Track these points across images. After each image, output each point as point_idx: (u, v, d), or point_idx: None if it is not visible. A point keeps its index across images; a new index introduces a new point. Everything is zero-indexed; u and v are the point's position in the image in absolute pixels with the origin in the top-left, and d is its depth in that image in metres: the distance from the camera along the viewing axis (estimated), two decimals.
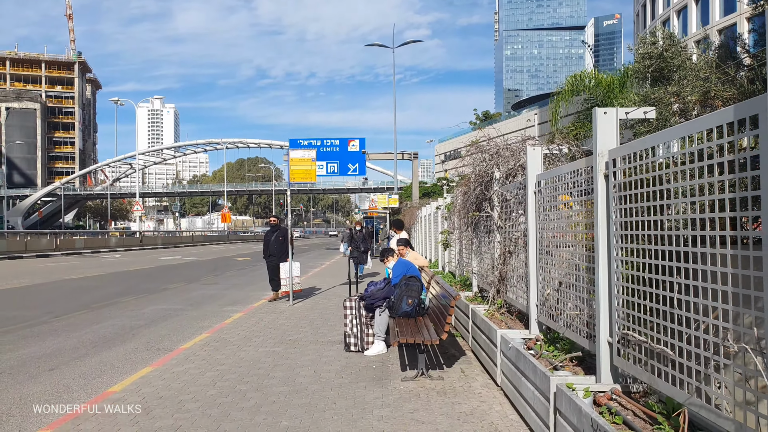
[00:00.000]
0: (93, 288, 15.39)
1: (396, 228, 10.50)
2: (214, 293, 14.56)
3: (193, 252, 38.47)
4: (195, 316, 10.84)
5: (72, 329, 9.31)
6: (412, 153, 37.83)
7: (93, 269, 21.73)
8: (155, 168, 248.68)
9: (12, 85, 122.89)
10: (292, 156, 11.47)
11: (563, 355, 4.21)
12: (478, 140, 7.55)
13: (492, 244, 6.75)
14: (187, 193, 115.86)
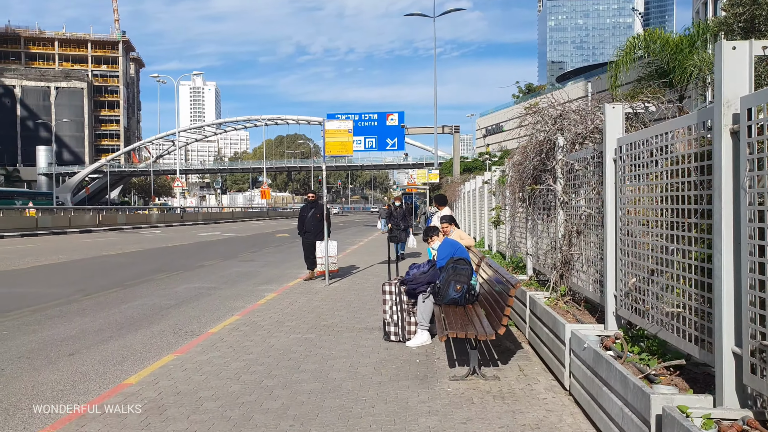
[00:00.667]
0: (128, 264, 15.15)
1: (439, 204, 9.67)
2: (249, 270, 14.11)
3: (232, 228, 38.53)
4: (228, 295, 10.35)
5: (100, 309, 8.92)
6: (453, 126, 36.70)
7: (131, 245, 21.69)
8: (197, 145, 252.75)
9: (60, 65, 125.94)
10: (327, 128, 10.74)
11: (656, 362, 3.38)
12: (536, 102, 6.63)
13: (553, 221, 5.89)
14: (228, 169, 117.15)
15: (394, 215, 14.46)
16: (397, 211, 14.70)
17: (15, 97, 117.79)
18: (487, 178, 11.20)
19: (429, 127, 37.16)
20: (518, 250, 8.30)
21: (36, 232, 26.74)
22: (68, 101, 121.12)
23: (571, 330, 4.26)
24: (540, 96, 31.85)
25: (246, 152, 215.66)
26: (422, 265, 6.22)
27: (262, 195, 60.79)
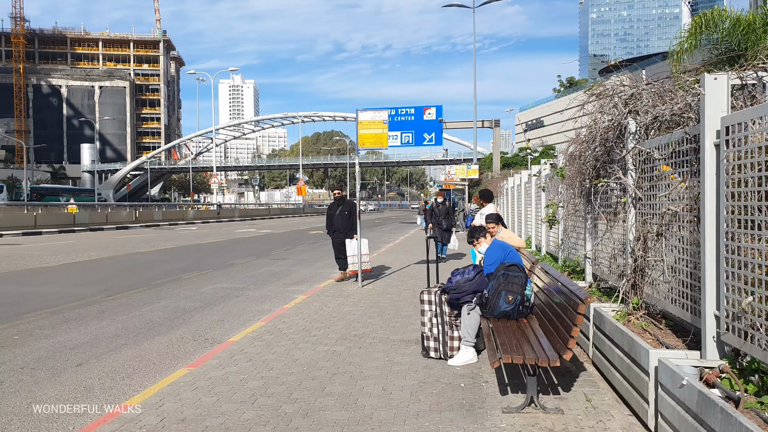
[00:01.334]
0: (158, 262, 14.78)
1: (484, 200, 8.82)
2: (280, 270, 13.53)
3: (268, 225, 38.33)
4: (255, 297, 9.75)
5: (120, 311, 8.41)
6: (493, 120, 35.59)
7: (165, 242, 21.48)
8: (236, 143, 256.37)
9: (104, 64, 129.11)
10: (360, 119, 10.01)
11: None
12: (598, 84, 5.74)
13: (622, 221, 5.01)
14: (264, 167, 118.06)
15: (436, 213, 13.54)
16: (439, 209, 13.71)
17: (61, 96, 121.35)
18: (536, 171, 10.27)
19: (468, 121, 36.12)
20: (574, 253, 7.40)
21: (73, 228, 26.93)
22: (111, 100, 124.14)
23: (658, 358, 3.40)
24: (573, 92, 30.32)
25: (283, 149, 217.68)
26: (467, 271, 5.41)
27: (297, 192, 60.72)
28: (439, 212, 13.54)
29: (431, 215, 13.94)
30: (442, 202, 14.24)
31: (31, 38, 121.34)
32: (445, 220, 13.42)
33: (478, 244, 5.77)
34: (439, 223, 13.49)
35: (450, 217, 13.60)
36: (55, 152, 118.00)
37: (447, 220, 13.44)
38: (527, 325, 4.71)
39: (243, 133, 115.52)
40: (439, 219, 13.48)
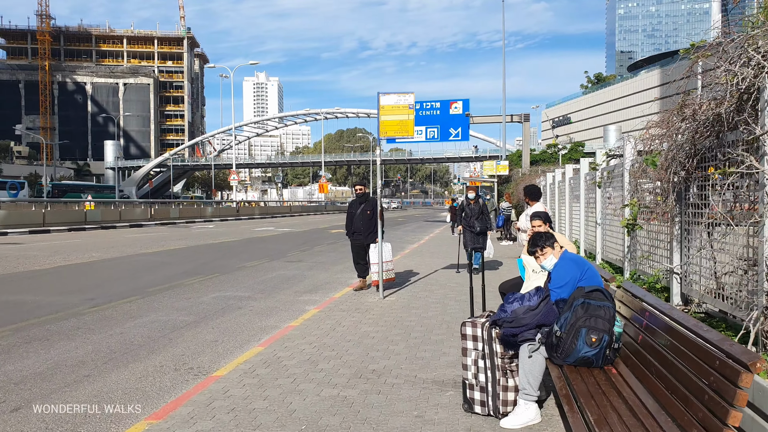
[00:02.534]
0: (162, 265, 13.58)
1: (530, 197, 7.33)
2: (294, 274, 12.21)
3: (288, 223, 37.18)
4: (260, 309, 8.43)
5: (99, 327, 7.15)
6: (522, 115, 33.86)
7: (176, 241, 20.35)
8: (260, 140, 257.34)
9: (128, 62, 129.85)
10: (382, 103, 8.59)
11: None
12: (703, 42, 4.26)
13: (751, 226, 3.51)
14: (287, 163, 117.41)
15: (467, 213, 11.18)
16: (471, 208, 11.20)
17: (86, 93, 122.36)
18: (598, 161, 8.66)
19: (496, 116, 34.45)
20: (648, 265, 5.87)
21: (84, 226, 26.05)
22: (135, 97, 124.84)
23: None
24: (601, 88, 27.88)
25: (307, 147, 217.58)
26: (527, 296, 3.95)
27: (320, 189, 59.57)
28: (471, 212, 11.08)
29: (461, 215, 11.47)
30: (474, 198, 11.44)
31: (57, 36, 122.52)
32: (478, 221, 10.89)
33: (542, 257, 4.21)
34: (471, 225, 10.98)
35: (484, 217, 11.04)
36: (79, 149, 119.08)
37: (481, 222, 10.90)
38: (622, 380, 3.24)
39: (266, 130, 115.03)
40: (471, 220, 10.99)
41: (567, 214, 11.72)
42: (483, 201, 11.94)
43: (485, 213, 11.30)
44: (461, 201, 13.11)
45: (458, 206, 13.54)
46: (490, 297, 6.75)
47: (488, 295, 6.57)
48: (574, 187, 10.64)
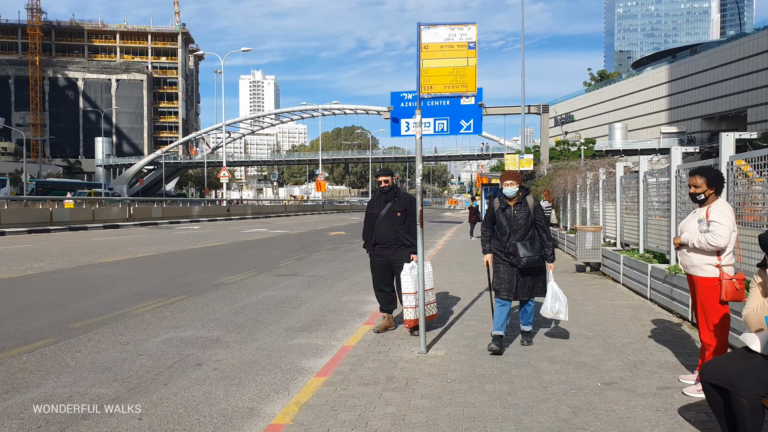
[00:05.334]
0: (115, 281, 10.38)
1: (713, 185, 4.17)
2: (286, 297, 9.06)
3: (282, 224, 33.98)
4: (230, 368, 5.30)
5: None
6: (541, 105, 30.73)
7: (149, 246, 17.14)
8: (256, 139, 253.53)
9: (121, 57, 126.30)
10: (426, 41, 5.44)
11: None
12: None
13: None
14: (283, 161, 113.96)
15: (501, 224, 5.65)
16: (510, 214, 5.59)
17: (78, 89, 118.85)
18: None
19: (511, 106, 31.32)
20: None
21: (48, 227, 22.77)
22: (128, 93, 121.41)
23: None
24: (605, 85, 23.05)
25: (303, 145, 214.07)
26: None
27: (317, 187, 56.47)
28: (510, 222, 5.58)
29: (489, 224, 5.83)
30: (515, 196, 5.60)
31: (48, 30, 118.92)
32: (525, 244, 5.48)
33: None
34: (510, 250, 5.53)
35: (539, 234, 5.61)
36: (71, 146, 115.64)
37: (531, 245, 5.49)
38: None
39: (262, 127, 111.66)
40: (510, 241, 5.54)
41: (642, 218, 8.59)
42: (536, 202, 5.62)
43: (540, 224, 5.62)
44: (488, 200, 6.54)
45: (478, 206, 8.86)
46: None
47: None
48: (662, 187, 7.54)
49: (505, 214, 5.59)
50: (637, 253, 9.48)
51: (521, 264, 5.43)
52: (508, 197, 5.61)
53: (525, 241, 5.48)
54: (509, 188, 5.58)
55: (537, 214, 5.59)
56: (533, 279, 5.61)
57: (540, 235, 5.58)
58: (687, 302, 6.47)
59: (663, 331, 6.20)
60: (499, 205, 5.65)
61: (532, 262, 5.45)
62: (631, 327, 6.45)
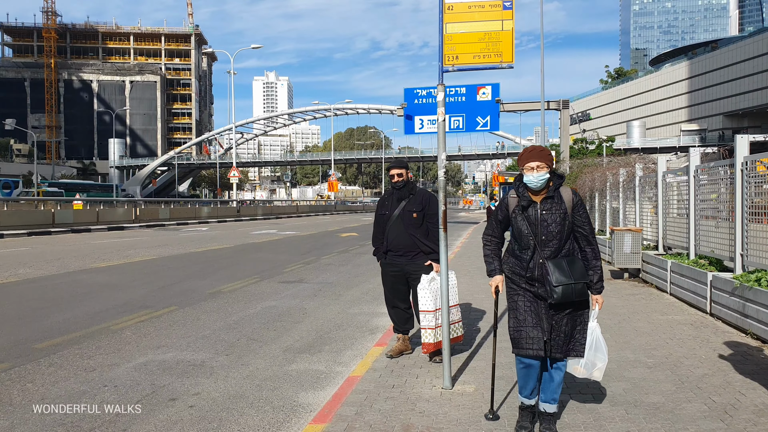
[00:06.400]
0: (102, 289, 9.42)
1: None
2: (288, 308, 8.05)
3: (293, 225, 33.05)
4: (201, 414, 4.27)
5: None
6: (561, 101, 29.48)
7: (150, 250, 16.22)
8: (270, 140, 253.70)
9: (135, 59, 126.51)
10: (450, 0, 4.35)
11: None
12: None
13: None
14: (296, 162, 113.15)
15: (520, 234, 3.53)
16: (534, 217, 3.47)
17: (92, 91, 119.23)
18: None
19: (531, 102, 30.11)
20: None
21: (50, 229, 21.99)
22: (142, 94, 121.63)
23: None
24: (623, 83, 20.96)
25: (316, 146, 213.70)
26: None
27: (329, 187, 55.59)
28: (535, 225, 3.47)
29: (497, 229, 3.74)
30: (544, 185, 3.45)
31: (63, 33, 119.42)
32: (563, 264, 3.43)
33: None
34: (532, 271, 3.49)
35: (586, 243, 3.55)
36: (85, 148, 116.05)
37: (572, 266, 3.43)
38: None
39: (274, 127, 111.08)
40: (533, 253, 3.49)
41: (693, 220, 7.43)
42: (576, 197, 3.54)
43: (584, 231, 3.55)
44: (507, 200, 3.73)
45: (495, 207, 6.60)
46: None
47: None
48: (728, 183, 6.40)
49: (526, 216, 3.47)
50: (687, 258, 8.32)
51: (555, 297, 3.34)
52: (532, 189, 3.47)
53: (560, 259, 3.41)
54: (535, 174, 3.41)
55: (578, 216, 3.50)
56: (572, 321, 3.46)
57: (583, 250, 3.53)
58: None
59: (742, 358, 5.06)
60: (517, 202, 3.53)
61: (571, 293, 3.35)
62: (699, 351, 5.32)
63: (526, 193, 3.51)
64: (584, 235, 3.53)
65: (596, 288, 3.53)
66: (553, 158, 3.52)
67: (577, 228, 3.52)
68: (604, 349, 3.54)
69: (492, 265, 3.71)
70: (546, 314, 3.45)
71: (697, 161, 8.36)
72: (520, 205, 3.52)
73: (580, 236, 3.53)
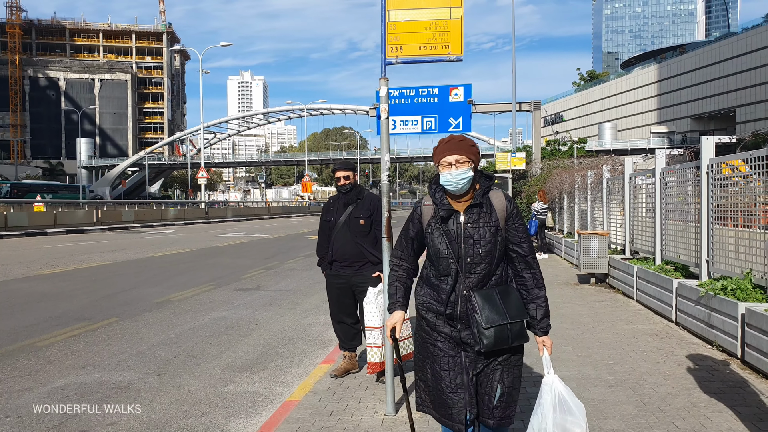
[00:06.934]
0: (38, 301, 8.80)
1: None
2: (237, 319, 7.56)
3: (263, 227, 32.38)
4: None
5: None
6: (532, 102, 29.39)
7: (105, 254, 15.52)
8: (245, 140, 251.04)
9: (105, 56, 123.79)
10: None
11: None
12: None
13: None
14: (270, 162, 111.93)
15: (434, 246, 2.62)
16: (452, 226, 2.59)
17: (60, 89, 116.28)
18: None
19: (502, 103, 29.96)
20: None
21: (1, 233, 21.01)
22: (112, 93, 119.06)
23: None
24: (594, 85, 20.68)
25: (292, 146, 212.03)
26: None
27: (303, 188, 54.98)
28: (455, 242, 2.57)
29: (408, 247, 2.79)
30: (466, 187, 2.59)
31: (28, 29, 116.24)
32: (494, 296, 2.56)
33: None
34: (453, 307, 2.59)
35: (525, 267, 2.66)
36: (52, 147, 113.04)
37: (506, 298, 2.58)
38: None
39: (248, 127, 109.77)
40: (454, 281, 2.59)
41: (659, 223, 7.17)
42: (510, 205, 2.63)
43: (521, 250, 2.64)
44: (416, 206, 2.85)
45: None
46: None
47: None
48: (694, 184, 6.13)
49: (446, 231, 2.59)
50: (653, 263, 8.06)
51: (484, 343, 2.47)
52: (451, 193, 2.61)
53: (490, 290, 2.56)
54: (453, 172, 2.55)
55: (513, 229, 2.61)
56: (508, 374, 2.56)
57: (520, 275, 2.64)
58: (734, 333, 5.04)
59: (708, 374, 4.75)
60: (433, 212, 2.64)
61: (507, 337, 2.49)
62: (664, 366, 5.00)
63: (445, 199, 2.61)
64: (522, 256, 2.61)
65: (541, 327, 2.60)
66: (478, 151, 2.60)
67: (513, 246, 2.60)
68: (577, 409, 2.44)
69: (393, 297, 2.71)
70: (471, 366, 2.53)
71: (663, 163, 8.12)
72: (437, 216, 2.60)
73: (516, 257, 2.61)
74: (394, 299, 2.71)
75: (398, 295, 2.71)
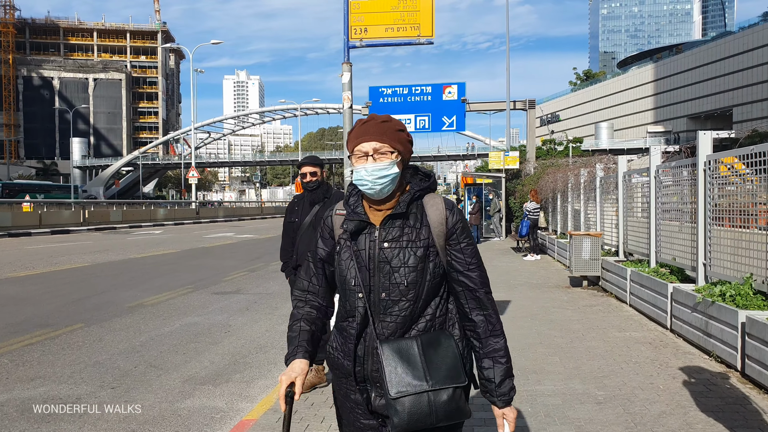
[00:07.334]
0: (5, 304, 8.38)
1: None
2: (209, 325, 7.16)
3: (253, 227, 31.97)
4: None
5: None
6: (527, 101, 29.03)
7: (86, 255, 15.09)
8: (240, 139, 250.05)
9: (99, 56, 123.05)
10: None
11: None
12: None
13: None
14: (265, 162, 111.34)
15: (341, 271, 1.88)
16: (365, 245, 1.82)
17: (53, 89, 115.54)
18: None
19: (496, 102, 29.62)
20: None
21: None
22: (106, 93, 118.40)
23: None
24: (591, 85, 20.04)
25: (288, 146, 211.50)
26: None
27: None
28: (367, 267, 1.81)
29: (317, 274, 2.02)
30: (385, 189, 1.80)
31: (22, 27, 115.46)
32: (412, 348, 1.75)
33: None
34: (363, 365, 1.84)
35: (474, 304, 1.84)
36: (46, 147, 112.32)
37: (435, 350, 1.77)
38: None
39: (243, 127, 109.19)
40: (362, 324, 1.82)
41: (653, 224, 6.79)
42: (453, 217, 1.85)
43: (470, 282, 1.85)
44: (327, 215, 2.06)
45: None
46: None
47: None
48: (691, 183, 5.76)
49: (354, 251, 1.84)
50: (647, 266, 7.69)
51: (395, 422, 1.71)
52: (368, 197, 1.85)
53: (410, 341, 1.77)
54: (369, 167, 1.78)
55: (457, 251, 1.84)
56: None
57: (468, 318, 1.84)
58: (734, 343, 4.66)
59: (705, 389, 4.37)
60: (344, 224, 1.88)
61: (429, 414, 1.71)
62: (657, 380, 4.61)
63: (360, 206, 1.86)
64: (471, 290, 1.82)
65: (501, 394, 1.80)
66: (407, 138, 1.85)
67: (458, 276, 1.83)
68: None
69: (293, 342, 1.90)
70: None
71: (658, 161, 7.75)
72: (347, 229, 1.85)
73: (463, 292, 1.83)
74: (294, 344, 1.87)
75: (300, 339, 1.88)
